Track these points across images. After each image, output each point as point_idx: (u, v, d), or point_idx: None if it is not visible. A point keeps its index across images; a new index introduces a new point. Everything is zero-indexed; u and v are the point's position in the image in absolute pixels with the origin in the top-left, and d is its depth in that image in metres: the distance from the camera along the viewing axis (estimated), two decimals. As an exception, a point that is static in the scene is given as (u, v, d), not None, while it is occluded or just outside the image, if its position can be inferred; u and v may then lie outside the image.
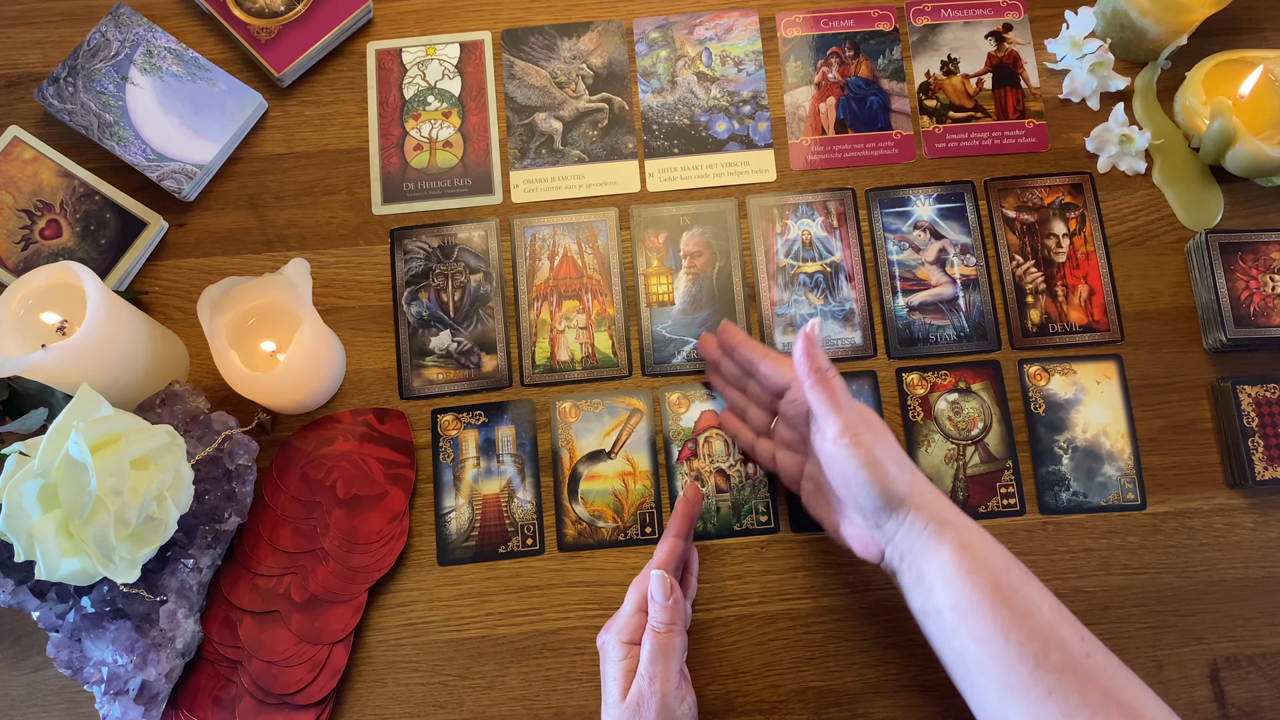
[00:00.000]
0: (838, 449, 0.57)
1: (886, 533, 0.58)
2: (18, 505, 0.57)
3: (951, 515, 0.57)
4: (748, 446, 0.70)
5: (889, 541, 0.58)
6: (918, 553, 0.56)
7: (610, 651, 0.60)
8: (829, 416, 0.58)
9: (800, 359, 0.59)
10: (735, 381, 0.71)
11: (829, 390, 0.58)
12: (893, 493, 0.57)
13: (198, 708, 0.66)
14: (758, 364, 0.67)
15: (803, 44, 0.82)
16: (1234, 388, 0.71)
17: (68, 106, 0.76)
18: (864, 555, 0.60)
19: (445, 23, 0.82)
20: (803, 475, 0.65)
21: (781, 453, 0.67)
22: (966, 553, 0.55)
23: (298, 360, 0.65)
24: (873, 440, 0.57)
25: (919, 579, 0.56)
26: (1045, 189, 0.78)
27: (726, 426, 0.72)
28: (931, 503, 0.58)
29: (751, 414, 0.69)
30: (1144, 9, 0.76)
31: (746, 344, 0.69)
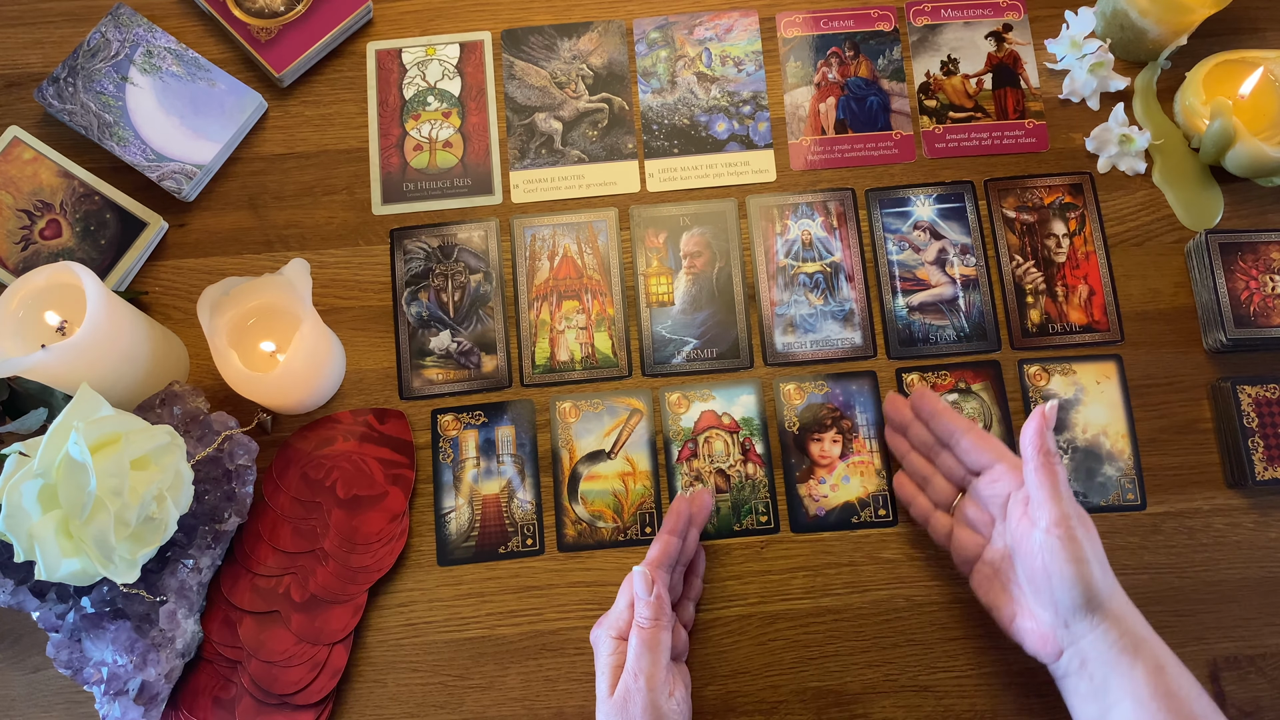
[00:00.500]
0: (1050, 539, 0.55)
1: (1073, 634, 0.56)
2: (18, 505, 0.57)
3: (1147, 633, 0.56)
4: (921, 517, 0.67)
5: (1073, 644, 0.56)
6: (1107, 663, 0.55)
7: (601, 646, 0.61)
8: (1047, 504, 0.56)
9: (1030, 437, 0.57)
10: (924, 449, 0.68)
11: (1052, 476, 0.56)
12: (1094, 594, 0.55)
13: (198, 708, 0.66)
14: (961, 438, 0.64)
15: (803, 44, 0.82)
16: (1234, 388, 0.71)
17: (68, 106, 0.76)
18: (1035, 651, 0.58)
19: (445, 23, 0.82)
20: (980, 559, 0.62)
21: (963, 531, 0.64)
22: (1162, 674, 0.54)
23: (298, 360, 0.65)
24: (1084, 536, 0.56)
25: (1100, 691, 0.55)
26: (1045, 189, 0.78)
27: (901, 493, 0.69)
28: (1128, 614, 0.56)
29: (936, 485, 0.66)
30: (1144, 9, 0.76)
31: (949, 415, 0.65)
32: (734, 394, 0.73)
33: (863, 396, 0.73)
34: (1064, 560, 0.55)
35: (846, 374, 0.74)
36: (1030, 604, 0.58)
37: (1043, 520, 0.56)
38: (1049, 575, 0.56)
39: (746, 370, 0.74)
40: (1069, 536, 0.55)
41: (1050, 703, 0.67)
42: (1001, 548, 0.61)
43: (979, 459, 0.63)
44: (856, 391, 0.73)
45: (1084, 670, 0.56)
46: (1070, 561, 0.55)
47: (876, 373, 0.74)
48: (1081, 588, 0.55)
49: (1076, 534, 0.55)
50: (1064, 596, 0.56)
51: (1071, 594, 0.55)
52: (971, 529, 0.64)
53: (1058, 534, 0.55)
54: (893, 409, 0.70)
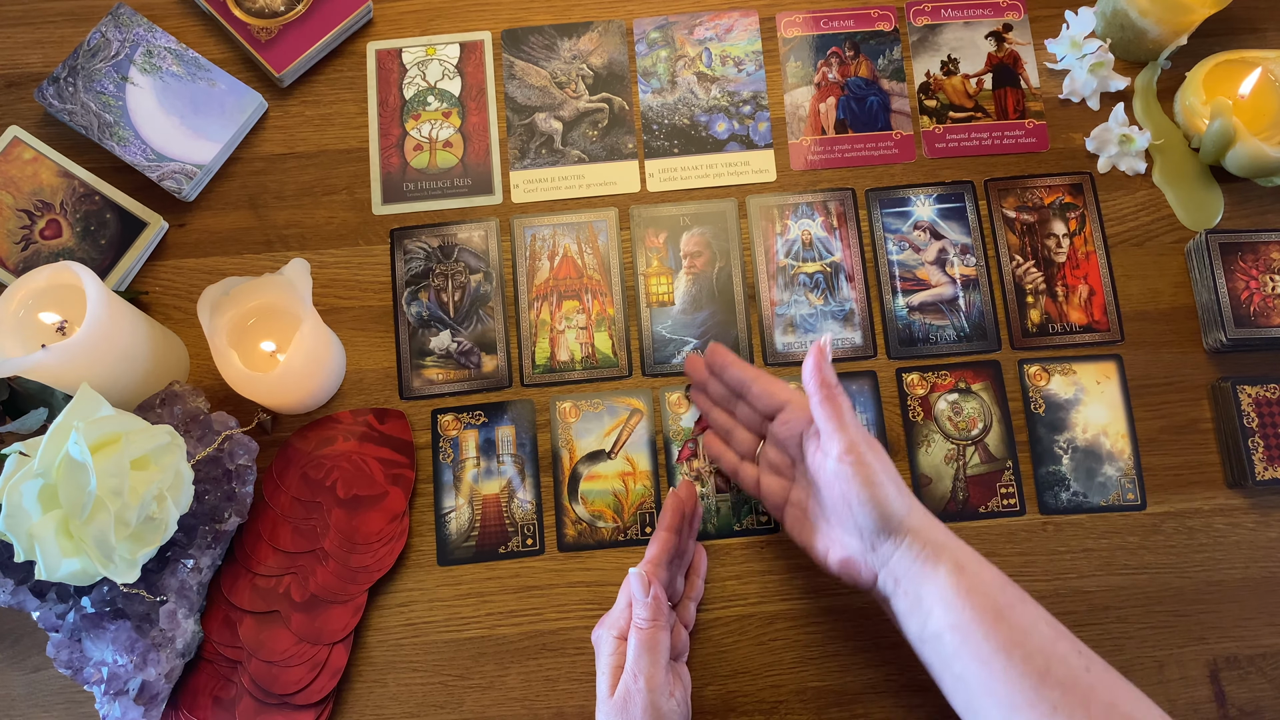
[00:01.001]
0: (842, 466, 0.57)
1: (881, 556, 0.58)
2: (18, 505, 0.57)
3: (946, 538, 0.57)
4: (731, 470, 0.68)
5: (883, 565, 0.58)
6: (914, 576, 0.56)
7: (602, 646, 0.61)
8: (835, 434, 0.58)
9: (810, 372, 0.59)
10: (722, 403, 0.70)
11: (836, 407, 0.58)
12: (891, 513, 0.57)
13: (198, 708, 0.66)
14: (750, 384, 0.66)
15: (803, 44, 0.82)
16: (1234, 388, 0.71)
17: (68, 106, 0.76)
18: (852, 580, 0.59)
19: (445, 23, 0.82)
20: (788, 501, 0.64)
21: (768, 476, 0.66)
22: (963, 573, 0.55)
23: (298, 360, 0.65)
24: (874, 460, 0.57)
25: (916, 603, 0.56)
26: (1045, 189, 0.78)
27: (709, 450, 0.70)
28: (927, 526, 0.58)
29: (738, 436, 0.68)
30: (1144, 9, 0.76)
31: (737, 364, 0.68)
32: (734, 394, 0.73)
33: (863, 396, 0.73)
34: (859, 485, 0.57)
35: (846, 374, 0.74)
36: (839, 534, 0.60)
37: (834, 450, 0.58)
38: (847, 502, 0.57)
39: (746, 370, 0.74)
40: (860, 462, 0.57)
41: (1050, 703, 0.67)
42: (804, 487, 0.63)
43: (770, 403, 0.64)
44: (856, 391, 0.73)
45: (899, 588, 0.57)
46: (864, 485, 0.57)
47: (877, 373, 0.74)
48: (879, 508, 0.57)
49: (866, 458, 0.57)
50: (864, 520, 0.57)
51: (871, 516, 0.57)
52: (775, 473, 0.65)
53: (849, 460, 0.57)
54: (691, 367, 0.71)
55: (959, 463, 0.72)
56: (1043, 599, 0.69)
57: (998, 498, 0.71)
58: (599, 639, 0.62)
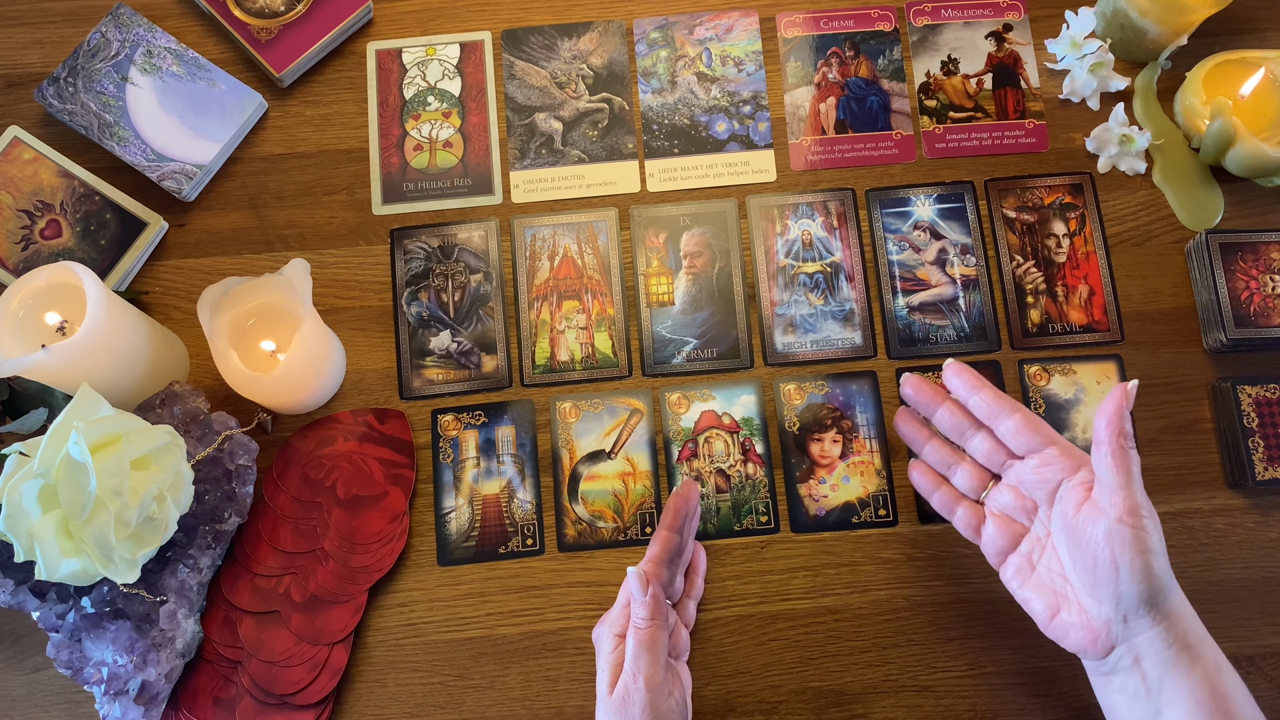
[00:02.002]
0: (1122, 528, 0.53)
1: (1131, 630, 0.53)
2: (18, 505, 0.57)
3: (1203, 633, 0.54)
4: (946, 508, 0.63)
5: (1128, 640, 0.54)
6: (1163, 663, 0.53)
7: (602, 645, 0.61)
8: (1120, 491, 0.53)
9: (1109, 419, 0.54)
10: (953, 433, 0.62)
11: (1127, 462, 0.53)
12: (1160, 588, 0.53)
13: (198, 708, 0.66)
14: (1009, 416, 0.59)
15: (803, 44, 0.82)
16: (1234, 388, 0.71)
17: (68, 106, 0.76)
18: (1080, 647, 0.55)
19: (445, 23, 0.82)
20: (1016, 550, 0.59)
21: (997, 519, 0.60)
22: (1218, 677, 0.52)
23: (298, 360, 0.65)
24: (1154, 528, 0.53)
25: (1154, 690, 0.53)
26: (1045, 189, 0.78)
27: (920, 483, 0.64)
28: (1186, 613, 0.54)
29: (965, 472, 0.62)
30: (1144, 9, 0.76)
31: (992, 392, 0.60)
32: (734, 394, 0.73)
33: (863, 396, 0.73)
34: (1136, 551, 0.52)
35: (847, 374, 0.74)
36: (1080, 597, 0.55)
37: (1115, 509, 0.53)
38: (1117, 566, 0.53)
39: (746, 370, 0.74)
40: (1142, 527, 0.53)
41: (1050, 703, 0.67)
42: (1042, 538, 0.58)
43: (1028, 441, 0.58)
44: (857, 391, 0.73)
45: (1136, 668, 0.54)
46: (1141, 553, 0.52)
47: (877, 373, 0.74)
48: (1150, 580, 0.53)
49: (1147, 525, 0.53)
50: (1130, 589, 0.53)
51: (1139, 587, 0.53)
52: (1008, 517, 0.60)
53: (1130, 523, 0.53)
54: (918, 390, 0.63)
55: (959, 463, 0.72)
56: (1043, 599, 0.69)
57: (998, 498, 0.71)
58: (599, 637, 0.62)
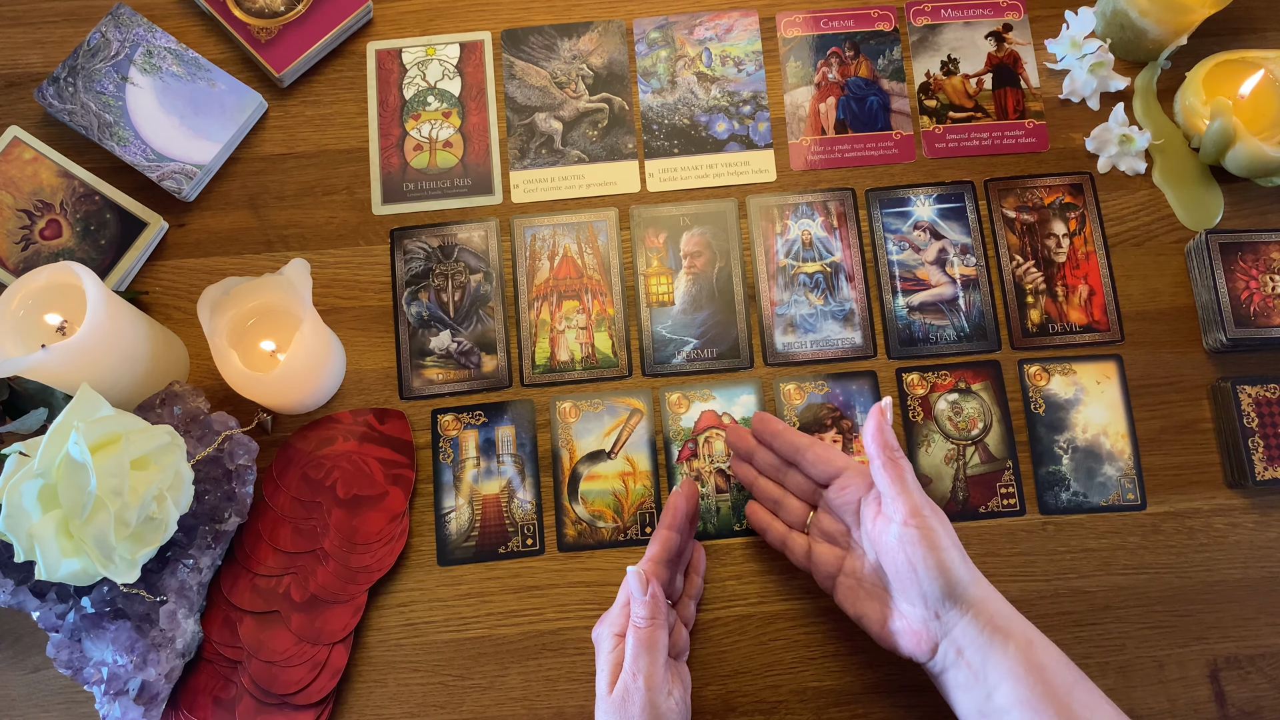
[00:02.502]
0: (907, 530, 0.56)
1: (945, 624, 0.57)
2: (18, 505, 0.57)
3: (1011, 612, 0.57)
4: (778, 541, 0.66)
5: (945, 634, 0.57)
6: (980, 647, 0.55)
7: (602, 644, 0.61)
8: (898, 498, 0.57)
9: (872, 435, 0.58)
10: (770, 473, 0.67)
11: (898, 470, 0.58)
12: (957, 579, 0.56)
13: (198, 708, 0.66)
14: (804, 451, 0.64)
15: (803, 44, 0.82)
16: (1234, 388, 0.71)
17: (68, 106, 0.76)
18: (911, 651, 0.58)
19: (445, 23, 0.82)
20: (841, 570, 0.62)
21: (820, 545, 0.64)
22: (1033, 650, 0.55)
23: (298, 360, 0.65)
24: (939, 525, 0.57)
25: (979, 676, 0.55)
26: (1045, 189, 0.78)
27: (755, 521, 0.68)
28: (991, 597, 0.57)
29: (788, 506, 0.66)
30: (1144, 9, 0.76)
31: (789, 432, 0.66)
32: (734, 394, 0.73)
33: (863, 396, 0.73)
34: (924, 549, 0.56)
35: (846, 374, 0.74)
36: (899, 603, 0.59)
37: (898, 514, 0.57)
38: (913, 567, 0.56)
39: (746, 370, 0.74)
40: (925, 526, 0.56)
41: (1050, 703, 0.67)
42: (860, 555, 0.62)
43: (825, 470, 0.63)
44: (856, 391, 0.73)
45: (961, 659, 0.56)
46: (930, 549, 0.56)
47: (876, 373, 0.74)
48: (945, 574, 0.56)
49: (931, 523, 0.57)
50: (930, 586, 0.56)
51: (938, 581, 0.56)
52: (829, 542, 0.64)
53: (914, 524, 0.56)
54: (736, 438, 0.69)
55: (959, 463, 0.72)
56: (1043, 599, 0.69)
57: (998, 498, 0.71)
58: (599, 637, 0.62)
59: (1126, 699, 0.67)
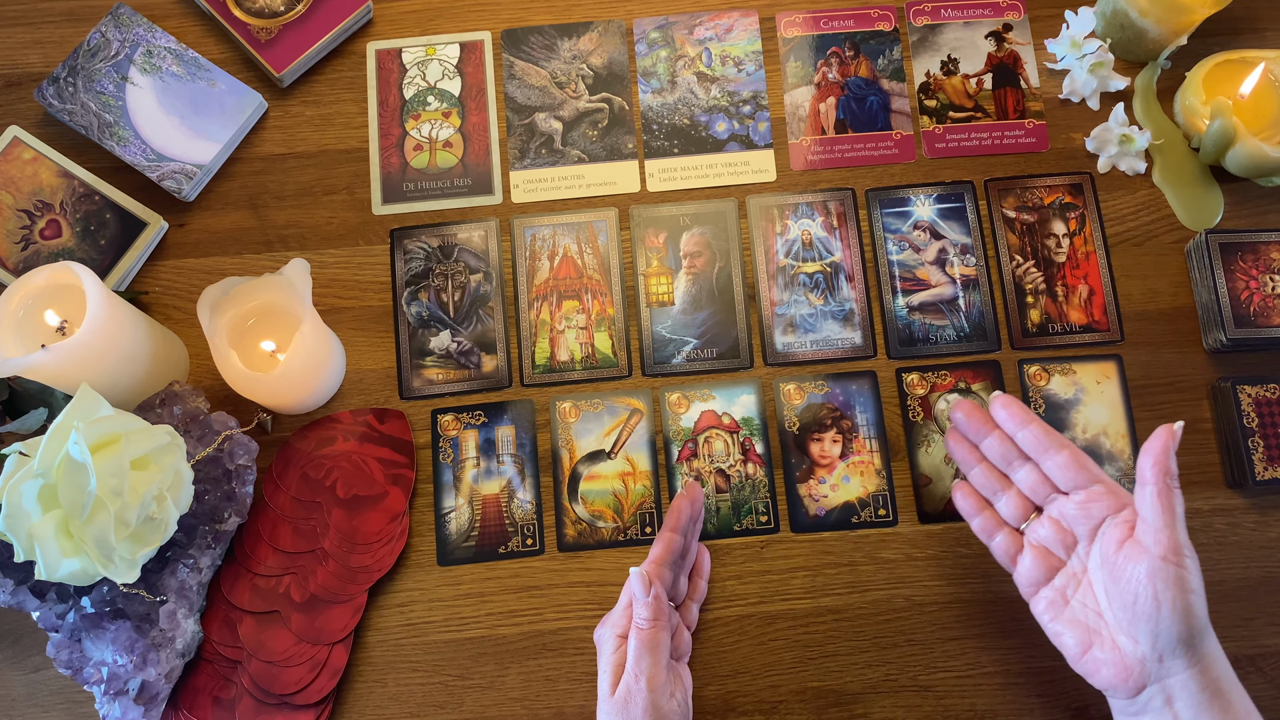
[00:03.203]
0: (1166, 567, 0.53)
1: (1166, 669, 0.54)
2: (18, 505, 0.57)
3: (1234, 678, 0.55)
4: (985, 532, 0.63)
5: (1161, 680, 0.54)
6: (1196, 705, 0.53)
7: (604, 645, 0.61)
8: (1164, 530, 0.54)
9: (1155, 459, 0.55)
10: (999, 461, 0.63)
11: (1172, 502, 0.54)
12: (1198, 629, 0.54)
13: (198, 708, 0.66)
14: (1058, 451, 0.59)
15: (803, 44, 0.82)
16: (1234, 388, 0.71)
17: (68, 106, 0.76)
18: (1111, 684, 0.55)
19: (445, 23, 0.82)
20: (1051, 583, 0.59)
21: (1034, 551, 0.60)
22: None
23: (298, 360, 0.65)
24: (1194, 569, 0.54)
25: None
26: (1045, 189, 0.78)
27: (963, 504, 0.64)
28: (1220, 658, 0.55)
29: (1009, 501, 0.62)
30: (1144, 9, 0.76)
31: (1041, 426, 0.60)
32: (734, 394, 0.73)
33: (863, 396, 0.73)
34: (1178, 590, 0.53)
35: (846, 374, 0.74)
36: (1115, 634, 0.56)
37: (1159, 547, 0.54)
38: (1159, 604, 0.53)
39: (746, 370, 0.74)
40: (1183, 565, 0.54)
41: (1050, 703, 0.67)
42: (1080, 573, 0.58)
43: (1074, 477, 0.59)
44: (856, 391, 0.73)
45: (1168, 708, 0.54)
46: (1183, 592, 0.53)
47: (876, 373, 0.74)
48: (1190, 620, 0.53)
49: (1189, 564, 0.54)
50: (1170, 627, 0.53)
51: (1179, 625, 0.53)
52: (1046, 550, 0.60)
53: (1174, 561, 0.53)
54: (970, 417, 0.63)
55: (959, 463, 0.72)
56: (1043, 599, 0.69)
57: (998, 498, 0.71)
58: (601, 638, 0.62)
59: (1126, 699, 0.67)
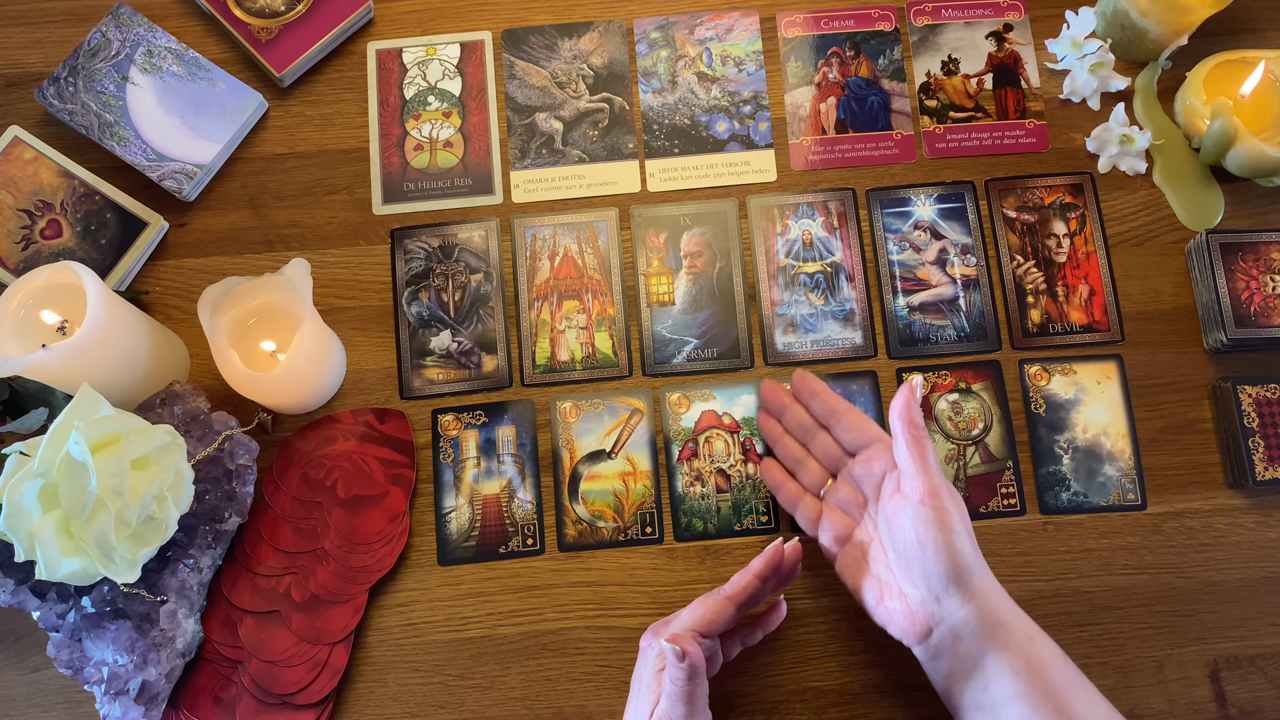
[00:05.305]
0: (923, 509, 0.56)
1: (945, 609, 0.56)
2: (18, 505, 0.57)
3: (1014, 608, 0.57)
4: (789, 500, 0.67)
5: (943, 620, 0.56)
6: (980, 638, 0.56)
7: (647, 655, 0.59)
8: (918, 476, 0.57)
9: (899, 411, 0.58)
10: (797, 433, 0.68)
11: (921, 449, 0.58)
12: (965, 565, 0.56)
13: (198, 708, 0.66)
14: (842, 416, 0.65)
15: (803, 44, 0.82)
16: (1234, 388, 0.71)
17: (68, 106, 0.76)
18: (903, 631, 0.58)
19: (445, 23, 0.82)
20: (849, 540, 0.63)
21: (833, 513, 0.64)
22: (1033, 646, 0.55)
23: (298, 360, 0.65)
24: (955, 509, 0.57)
25: (976, 666, 0.56)
26: (1045, 189, 0.78)
27: (769, 477, 0.68)
28: (995, 591, 0.57)
29: (809, 468, 0.67)
30: (1144, 9, 0.76)
31: (830, 395, 0.66)
32: (734, 394, 0.73)
33: (863, 396, 0.73)
34: (937, 530, 0.56)
35: (847, 374, 0.74)
36: (900, 582, 0.58)
37: (915, 493, 0.57)
38: (922, 546, 0.56)
39: (747, 370, 0.74)
40: (940, 507, 0.56)
41: (1050, 703, 0.67)
42: (870, 529, 0.62)
43: (857, 437, 0.63)
44: (857, 391, 0.73)
45: (957, 646, 0.56)
46: (943, 531, 0.56)
47: (877, 373, 0.74)
48: (953, 557, 0.56)
49: (947, 505, 0.57)
50: (936, 567, 0.56)
51: (944, 564, 0.56)
52: (842, 511, 0.64)
53: (930, 503, 0.56)
54: (771, 392, 0.69)
55: (959, 463, 0.72)
56: (1043, 599, 0.69)
57: (998, 498, 0.71)
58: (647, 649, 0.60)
59: (1126, 699, 0.67)
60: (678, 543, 0.71)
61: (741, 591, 0.60)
